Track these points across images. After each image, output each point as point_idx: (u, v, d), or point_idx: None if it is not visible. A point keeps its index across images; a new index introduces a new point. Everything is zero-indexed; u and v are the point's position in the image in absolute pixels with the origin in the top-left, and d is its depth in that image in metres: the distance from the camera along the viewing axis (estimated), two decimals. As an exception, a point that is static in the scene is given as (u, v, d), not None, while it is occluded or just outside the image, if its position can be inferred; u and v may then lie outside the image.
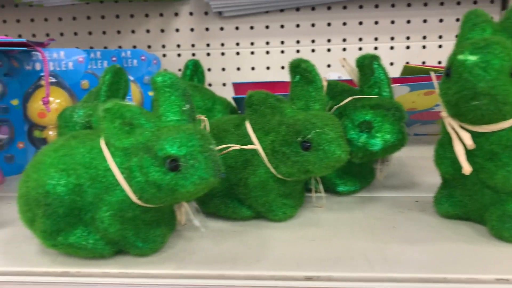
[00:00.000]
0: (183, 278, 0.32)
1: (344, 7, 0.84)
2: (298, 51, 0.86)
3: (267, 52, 0.87)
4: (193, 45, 0.88)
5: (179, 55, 0.88)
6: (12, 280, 0.34)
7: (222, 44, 0.87)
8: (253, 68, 0.87)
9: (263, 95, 0.40)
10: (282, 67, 0.87)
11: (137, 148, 0.33)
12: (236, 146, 0.39)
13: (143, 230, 0.35)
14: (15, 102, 0.60)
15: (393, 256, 0.34)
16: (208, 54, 0.88)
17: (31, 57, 0.61)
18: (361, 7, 0.83)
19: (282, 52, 0.87)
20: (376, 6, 0.83)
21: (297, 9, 0.85)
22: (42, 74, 0.61)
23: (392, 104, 0.44)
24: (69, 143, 0.35)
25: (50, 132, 0.62)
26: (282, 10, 0.85)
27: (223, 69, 0.88)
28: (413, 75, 0.60)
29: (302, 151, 0.37)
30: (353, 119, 0.44)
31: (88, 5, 0.88)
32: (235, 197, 0.41)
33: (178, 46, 0.88)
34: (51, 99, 0.59)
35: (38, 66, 0.61)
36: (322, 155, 0.37)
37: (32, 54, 0.61)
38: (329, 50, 0.86)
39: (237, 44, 0.87)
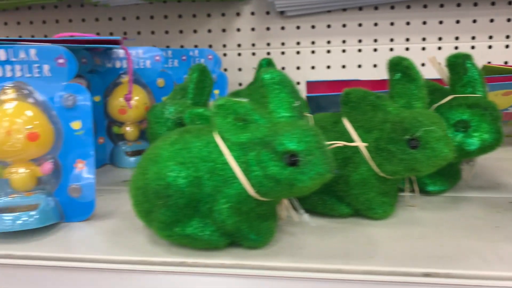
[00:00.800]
0: (300, 271, 0.33)
1: (408, 7, 0.83)
2: (360, 50, 0.86)
3: (328, 51, 0.87)
4: (253, 45, 0.89)
5: (239, 54, 0.89)
6: (130, 268, 0.35)
7: (283, 44, 0.88)
8: (313, 67, 0.88)
9: (361, 93, 0.40)
10: (343, 66, 0.87)
11: (254, 143, 0.34)
12: (341, 143, 0.40)
13: (256, 223, 0.36)
14: (97, 98, 0.62)
15: (508, 255, 0.34)
16: (268, 53, 0.88)
17: (112, 54, 0.63)
18: (425, 6, 0.83)
19: (344, 51, 0.87)
20: (441, 6, 0.82)
21: (360, 9, 0.85)
22: (121, 71, 0.63)
23: (488, 103, 0.44)
24: (183, 137, 0.36)
25: (128, 128, 0.64)
26: (344, 10, 0.85)
27: (283, 68, 0.88)
28: (493, 75, 0.59)
29: (409, 149, 0.37)
30: (449, 118, 0.44)
31: (151, 4, 0.90)
32: (333, 194, 0.41)
33: (239, 45, 0.89)
34: (130, 96, 0.61)
35: (118, 64, 0.63)
36: (430, 153, 0.37)
37: (112, 52, 0.63)
38: (391, 49, 0.85)
39: (298, 43, 0.88)
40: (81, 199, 0.43)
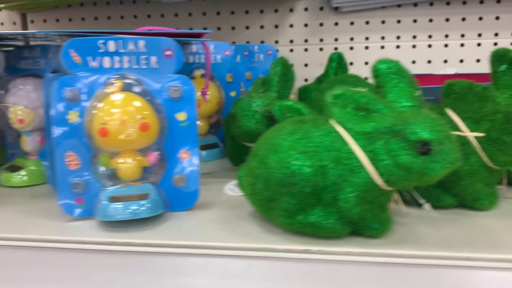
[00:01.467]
0: (430, 258, 0.33)
1: (464, 3, 0.83)
2: (414, 46, 0.86)
3: (382, 47, 0.87)
4: (306, 40, 0.89)
5: (291, 50, 0.90)
6: (256, 255, 0.35)
7: (336, 39, 0.88)
8: (366, 63, 0.88)
9: (467, 84, 0.41)
10: (397, 63, 0.87)
11: (381, 132, 0.34)
12: (463, 134, 0.40)
13: (378, 212, 0.36)
14: (171, 92, 0.62)
15: None
16: (321, 49, 0.89)
17: (185, 49, 0.63)
18: (481, 2, 0.82)
19: (398, 47, 0.87)
20: (498, 1, 0.82)
21: (415, 5, 0.85)
22: (194, 66, 0.63)
23: None
24: (301, 127, 0.37)
25: (198, 122, 0.64)
26: (399, 6, 0.85)
27: (336, 64, 0.89)
28: None
29: (525, 139, 0.38)
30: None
31: (204, 1, 0.90)
32: (440, 185, 0.42)
33: (291, 41, 0.90)
34: (203, 90, 0.61)
35: (191, 59, 0.64)
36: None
37: (185, 46, 0.63)
38: (446, 45, 0.85)
39: (351, 39, 0.88)
40: (185, 189, 0.43)
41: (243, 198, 0.44)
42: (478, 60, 0.82)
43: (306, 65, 0.89)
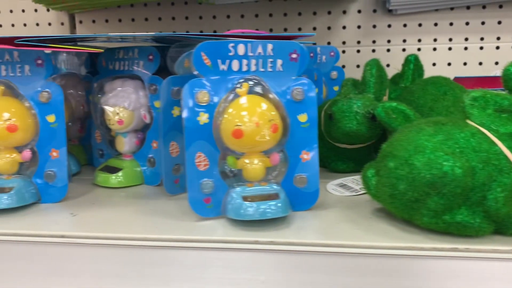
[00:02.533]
0: None
1: (516, 6, 0.85)
2: (466, 48, 0.88)
3: (434, 49, 0.89)
4: (358, 42, 0.90)
5: (343, 51, 0.91)
6: (401, 254, 0.36)
7: (388, 41, 0.90)
8: (418, 65, 0.89)
9: None
10: (449, 64, 0.89)
11: (529, 133, 0.35)
12: None
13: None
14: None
15: None
16: (373, 51, 0.90)
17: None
18: (534, 5, 0.84)
19: (450, 49, 0.88)
20: (550, 4, 0.84)
21: (467, 7, 0.86)
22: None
23: None
24: (441, 129, 0.38)
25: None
26: (452, 9, 0.87)
27: (388, 65, 0.90)
28: None
29: None
30: None
31: (257, 3, 0.91)
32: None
33: (343, 43, 0.91)
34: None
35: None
36: None
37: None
38: (497, 47, 0.87)
39: (404, 41, 0.89)
40: (306, 189, 0.44)
41: (354, 198, 0.46)
42: (528, 62, 0.84)
43: (358, 66, 0.91)
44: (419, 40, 0.89)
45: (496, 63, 0.87)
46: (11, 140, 0.47)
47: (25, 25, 0.98)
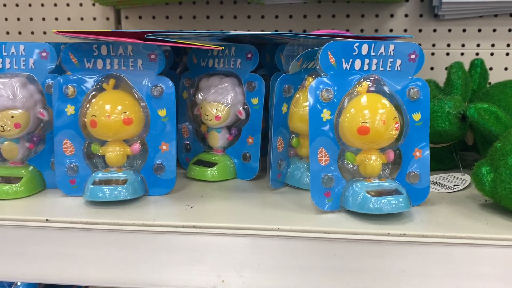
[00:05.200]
0: None
1: (557, 14, 0.89)
2: (507, 54, 0.91)
3: (477, 54, 0.92)
4: (404, 45, 0.93)
5: (389, 54, 0.93)
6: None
7: (433, 45, 0.93)
8: (461, 69, 0.92)
9: None
10: (490, 69, 0.92)
11: None
12: None
13: None
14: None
15: None
16: (418, 54, 0.93)
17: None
18: None
19: (492, 54, 0.92)
20: None
21: (510, 15, 0.90)
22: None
23: None
24: None
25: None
26: (496, 16, 0.90)
27: (432, 68, 0.93)
28: None
29: None
30: None
31: (305, 4, 0.93)
32: None
33: (389, 45, 0.93)
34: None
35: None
36: None
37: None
38: (538, 54, 0.91)
39: (448, 45, 0.92)
40: (418, 185, 0.46)
41: (451, 194, 0.48)
42: None
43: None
44: (463, 45, 0.92)
45: (536, 68, 0.91)
46: (126, 133, 0.47)
47: (69, 19, 0.98)
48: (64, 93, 0.48)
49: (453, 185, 0.53)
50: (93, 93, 0.48)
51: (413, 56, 0.45)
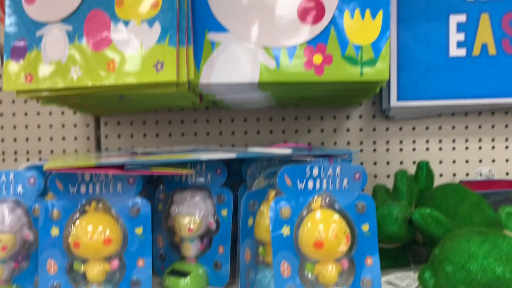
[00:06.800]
0: None
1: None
2: (454, 148, 1.02)
3: (427, 149, 1.02)
4: (361, 143, 1.03)
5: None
6: None
7: (387, 142, 1.02)
8: (414, 162, 1.02)
9: None
10: (440, 162, 1.02)
11: None
12: None
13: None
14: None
15: None
16: (374, 150, 1.02)
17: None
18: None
19: (440, 149, 1.02)
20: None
21: (452, 114, 1.01)
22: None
23: None
24: (486, 238, 0.47)
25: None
26: (439, 115, 1.02)
27: (387, 163, 1.02)
28: None
29: None
30: None
31: (270, 109, 1.03)
32: None
33: (348, 143, 1.03)
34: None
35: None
36: None
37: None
38: (480, 148, 1.01)
39: (400, 142, 1.02)
40: (371, 290, 0.52)
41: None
42: None
43: (362, 163, 1.02)
44: (414, 141, 1.02)
45: (480, 161, 1.01)
46: (105, 252, 0.52)
47: (51, 126, 1.04)
48: (49, 217, 0.53)
49: (405, 285, 0.58)
50: (76, 215, 0.53)
51: (357, 176, 0.53)
